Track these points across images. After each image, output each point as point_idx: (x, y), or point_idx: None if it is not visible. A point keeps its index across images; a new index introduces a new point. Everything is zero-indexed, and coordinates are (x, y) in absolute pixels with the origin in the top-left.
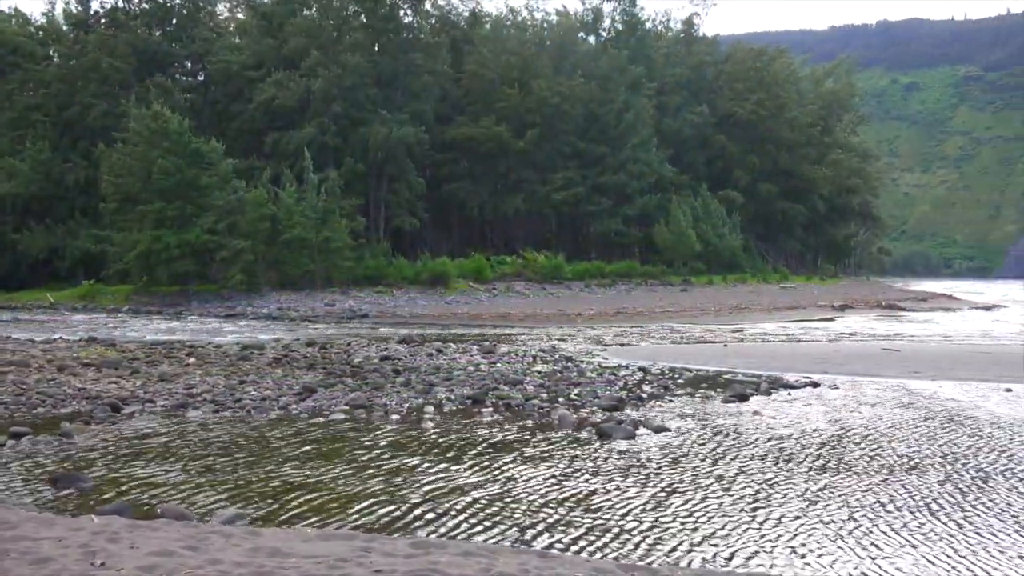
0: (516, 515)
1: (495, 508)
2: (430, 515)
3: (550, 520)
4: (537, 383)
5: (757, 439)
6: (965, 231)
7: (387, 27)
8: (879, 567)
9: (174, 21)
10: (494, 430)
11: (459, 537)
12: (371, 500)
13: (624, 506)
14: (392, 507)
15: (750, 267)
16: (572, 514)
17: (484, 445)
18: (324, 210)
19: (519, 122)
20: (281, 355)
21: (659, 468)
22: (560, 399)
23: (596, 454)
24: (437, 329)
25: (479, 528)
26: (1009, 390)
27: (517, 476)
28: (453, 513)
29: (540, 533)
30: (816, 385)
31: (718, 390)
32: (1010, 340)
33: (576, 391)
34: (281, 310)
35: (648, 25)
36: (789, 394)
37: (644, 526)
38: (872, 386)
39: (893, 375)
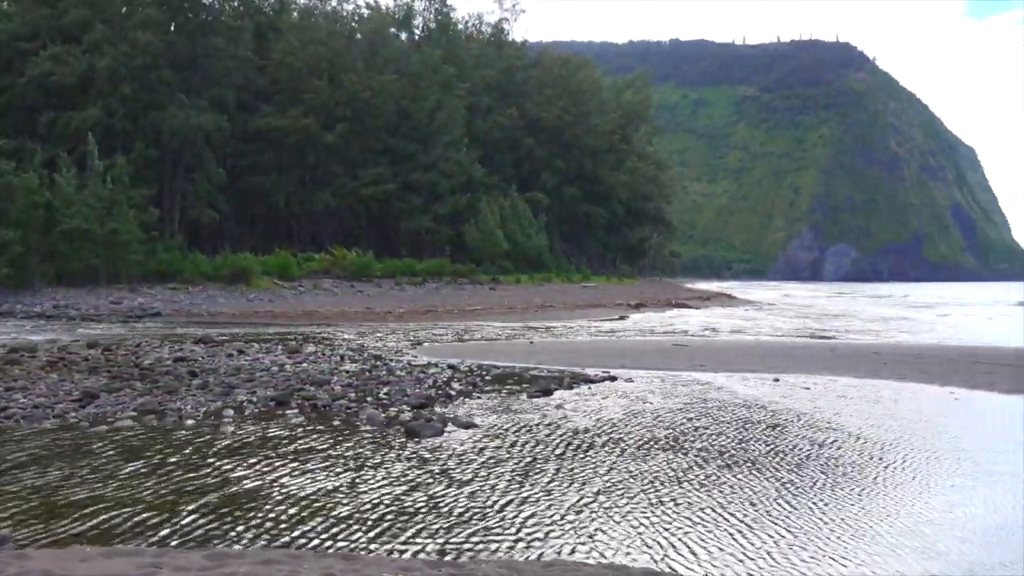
0: (320, 518)
1: (296, 512)
2: (226, 524)
3: (356, 521)
4: (345, 383)
5: (559, 431)
6: (743, 237)
7: (183, 5)
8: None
9: None
10: (298, 432)
11: (259, 545)
12: (159, 512)
13: (430, 503)
14: (184, 518)
15: (555, 267)
16: (378, 514)
17: (286, 447)
18: (110, 199)
19: (328, 115)
20: (57, 357)
21: (465, 463)
22: (369, 398)
23: (404, 452)
24: (238, 328)
25: (279, 535)
26: (776, 380)
27: (321, 478)
28: (251, 521)
29: (345, 535)
30: (614, 379)
31: (524, 385)
32: (780, 336)
33: (385, 390)
34: (58, 308)
35: (460, 27)
36: (589, 388)
37: (450, 522)
38: (662, 379)
39: (682, 368)
